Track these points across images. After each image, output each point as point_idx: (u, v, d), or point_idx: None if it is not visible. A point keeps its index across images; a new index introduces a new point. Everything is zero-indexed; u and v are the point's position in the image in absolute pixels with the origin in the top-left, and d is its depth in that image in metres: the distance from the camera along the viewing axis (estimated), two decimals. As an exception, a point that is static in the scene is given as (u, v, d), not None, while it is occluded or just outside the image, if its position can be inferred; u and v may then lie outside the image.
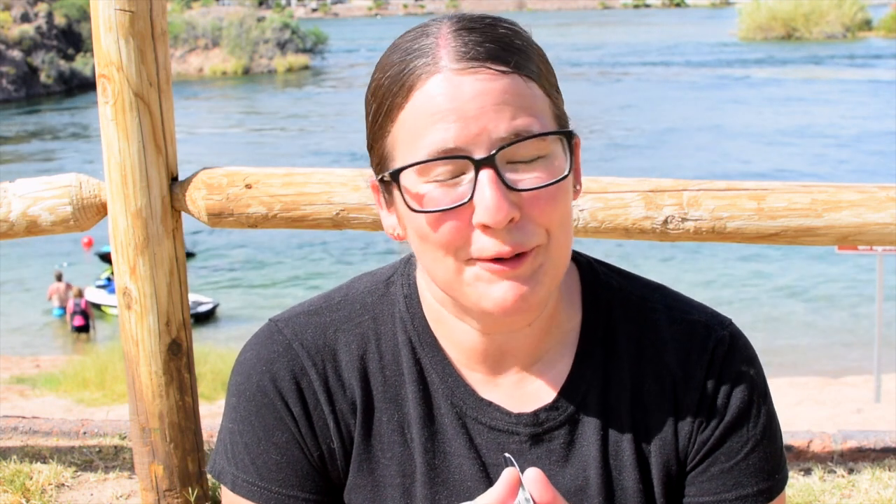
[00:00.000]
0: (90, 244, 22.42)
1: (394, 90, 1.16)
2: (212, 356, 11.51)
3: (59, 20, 53.14)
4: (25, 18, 51.09)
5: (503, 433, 1.27)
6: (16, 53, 49.27)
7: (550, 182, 1.14)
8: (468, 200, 1.13)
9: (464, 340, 1.27)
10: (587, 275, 1.33)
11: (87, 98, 46.17)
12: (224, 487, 1.31)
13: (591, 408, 1.28)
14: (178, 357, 2.94)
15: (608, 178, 2.83)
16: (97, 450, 3.52)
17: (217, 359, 11.30)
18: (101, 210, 2.95)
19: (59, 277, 19.36)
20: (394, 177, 1.16)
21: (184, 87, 49.75)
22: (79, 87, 50.62)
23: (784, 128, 34.47)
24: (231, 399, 1.31)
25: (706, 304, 1.35)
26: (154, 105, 2.81)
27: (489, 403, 1.28)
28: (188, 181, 2.91)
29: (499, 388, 1.29)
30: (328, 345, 1.29)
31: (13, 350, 16.10)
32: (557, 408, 1.28)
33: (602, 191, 2.78)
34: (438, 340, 1.29)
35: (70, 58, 52.49)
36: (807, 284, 19.18)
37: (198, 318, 17.34)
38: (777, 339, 15.56)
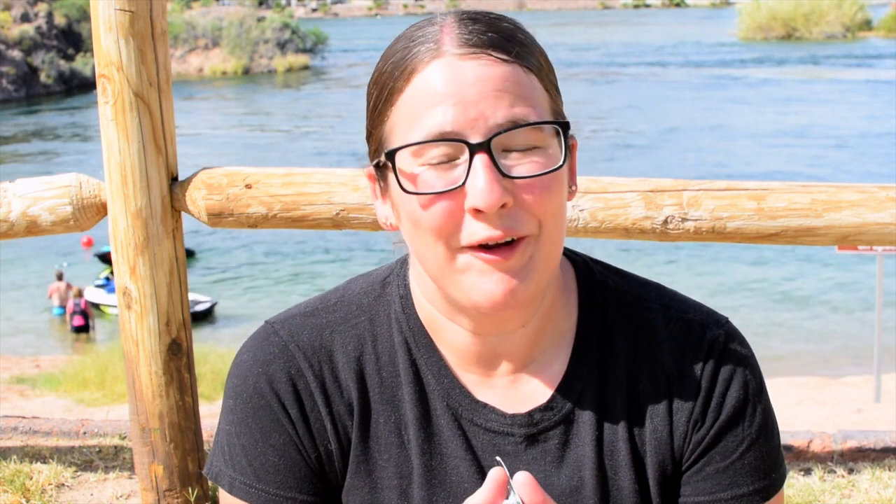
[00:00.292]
0: (89, 244, 22.41)
1: (395, 75, 1.17)
2: (212, 356, 11.50)
3: (59, 20, 53.13)
4: (25, 18, 51.08)
5: (498, 434, 1.27)
6: (16, 53, 49.26)
7: (544, 171, 1.14)
8: (462, 184, 1.13)
9: (457, 342, 1.27)
10: (583, 274, 1.33)
11: (87, 98, 46.16)
12: (221, 489, 1.31)
13: (587, 408, 1.27)
14: (178, 357, 2.94)
15: (608, 178, 2.83)
16: (97, 450, 3.52)
17: (217, 359, 11.29)
18: (101, 210, 2.95)
19: (60, 277, 19.36)
20: (389, 157, 1.16)
21: (184, 87, 49.73)
22: (79, 87, 50.59)
23: (784, 128, 34.45)
24: (228, 401, 1.31)
25: (703, 303, 1.35)
26: (154, 105, 2.81)
27: (484, 405, 1.28)
28: (188, 181, 2.91)
29: (493, 389, 1.29)
30: (324, 346, 1.29)
31: (13, 350, 16.10)
32: (552, 408, 1.28)
33: (602, 191, 2.78)
34: (434, 341, 1.29)
35: (70, 58, 52.47)
36: (806, 285, 19.17)
37: (195, 317, 17.29)
38: (777, 339, 15.56)
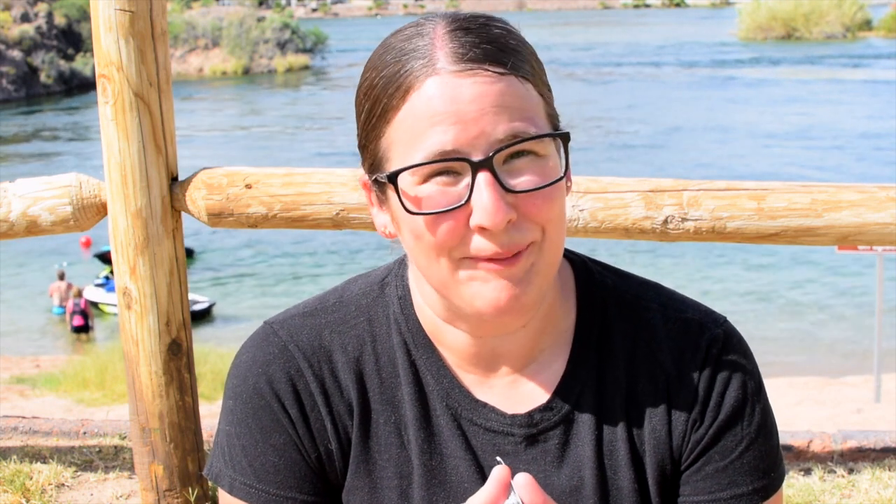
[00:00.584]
0: (88, 244, 22.40)
1: (389, 91, 1.16)
2: (212, 356, 11.50)
3: (59, 20, 53.11)
4: (25, 18, 51.07)
5: (498, 434, 1.27)
6: (16, 53, 49.25)
7: (547, 184, 1.15)
8: (465, 202, 1.13)
9: (456, 343, 1.27)
10: (582, 274, 1.33)
11: (87, 98, 46.14)
12: (221, 490, 1.31)
13: (586, 408, 1.28)
14: (178, 357, 2.94)
15: (608, 178, 2.83)
16: (97, 450, 3.52)
17: (217, 359, 11.29)
18: (101, 210, 2.95)
19: (62, 276, 19.38)
20: (391, 179, 1.16)
21: (184, 87, 49.71)
22: (79, 87, 50.57)
23: (784, 128, 34.44)
24: (228, 402, 1.31)
25: (701, 303, 1.35)
26: (154, 105, 2.81)
27: (484, 405, 1.28)
28: (188, 181, 2.91)
29: (493, 389, 1.29)
30: (323, 346, 1.29)
31: (13, 350, 16.10)
32: (552, 408, 1.28)
33: (602, 191, 2.78)
34: (433, 342, 1.29)
35: (70, 58, 52.45)
36: (806, 285, 19.17)
37: (193, 317, 17.23)
38: (777, 339, 15.55)
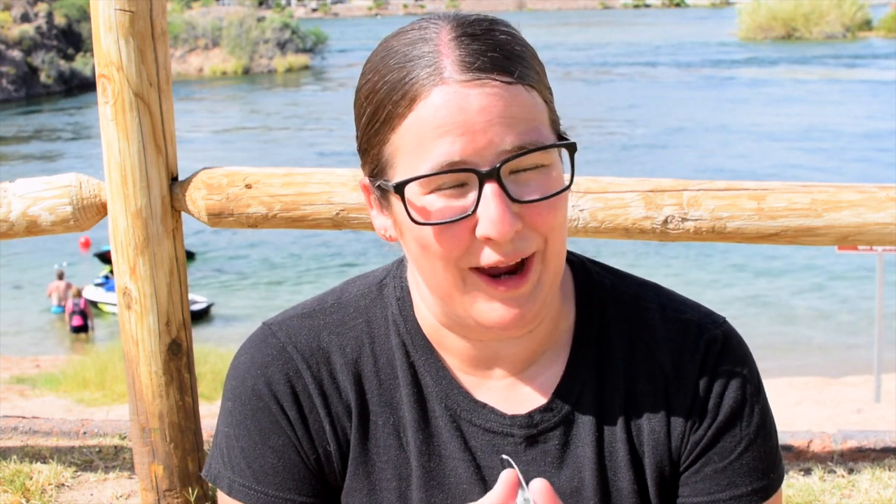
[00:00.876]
0: (87, 245, 22.39)
1: (394, 98, 1.14)
2: (212, 356, 11.49)
3: (59, 20, 53.10)
4: (25, 18, 51.07)
5: (498, 435, 1.27)
6: (16, 53, 49.23)
7: (553, 193, 1.15)
8: (472, 213, 1.13)
9: (456, 346, 1.27)
10: (580, 274, 1.33)
11: (87, 98, 46.10)
12: (220, 492, 1.31)
13: (586, 408, 1.27)
14: (178, 357, 2.94)
15: (608, 178, 2.83)
16: (97, 450, 3.52)
17: (217, 359, 11.28)
18: (101, 210, 2.95)
19: (61, 276, 19.37)
20: (398, 189, 1.15)
21: (184, 87, 49.72)
22: (79, 87, 50.54)
23: (784, 128, 34.43)
24: (226, 403, 1.30)
25: (700, 303, 1.35)
26: (154, 105, 2.81)
27: (483, 405, 1.28)
28: (188, 181, 2.91)
29: (493, 390, 1.29)
30: (322, 348, 1.29)
31: (13, 350, 16.10)
32: (552, 409, 1.28)
33: (602, 191, 2.78)
34: (432, 344, 1.29)
35: (70, 58, 52.44)
36: (806, 285, 19.17)
37: (192, 317, 17.21)
38: (777, 339, 15.55)
